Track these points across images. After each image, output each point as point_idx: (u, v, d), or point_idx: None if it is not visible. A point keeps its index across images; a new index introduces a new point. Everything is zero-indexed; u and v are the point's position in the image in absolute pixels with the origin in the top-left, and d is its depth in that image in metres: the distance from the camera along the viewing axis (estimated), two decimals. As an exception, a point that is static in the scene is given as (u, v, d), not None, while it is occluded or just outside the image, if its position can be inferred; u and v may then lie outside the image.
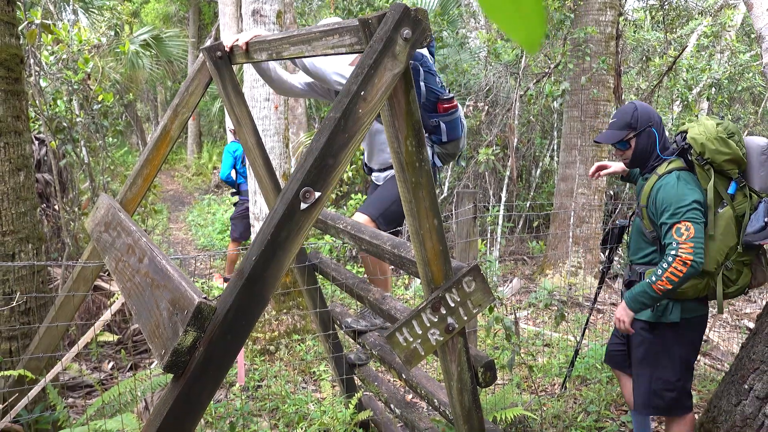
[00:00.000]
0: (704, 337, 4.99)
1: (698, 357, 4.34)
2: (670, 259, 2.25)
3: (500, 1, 0.44)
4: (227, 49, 2.27)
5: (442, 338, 1.72)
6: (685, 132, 2.45)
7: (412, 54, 1.38)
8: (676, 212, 2.28)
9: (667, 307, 2.42)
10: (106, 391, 2.84)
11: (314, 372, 4.00)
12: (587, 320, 3.58)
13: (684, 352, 2.45)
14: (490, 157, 6.28)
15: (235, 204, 6.32)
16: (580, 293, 5.90)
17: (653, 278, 2.29)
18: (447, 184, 7.37)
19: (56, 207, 4.59)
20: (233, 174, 6.04)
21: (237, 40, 2.22)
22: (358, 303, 2.59)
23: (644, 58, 9.04)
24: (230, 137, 6.52)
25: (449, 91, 2.62)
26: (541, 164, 8.54)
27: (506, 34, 0.46)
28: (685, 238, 2.24)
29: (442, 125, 2.61)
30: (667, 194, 2.34)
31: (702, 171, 2.39)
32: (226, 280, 6.37)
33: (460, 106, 2.68)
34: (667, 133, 8.59)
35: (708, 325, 2.65)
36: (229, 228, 6.89)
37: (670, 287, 2.26)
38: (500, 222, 6.85)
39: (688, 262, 2.21)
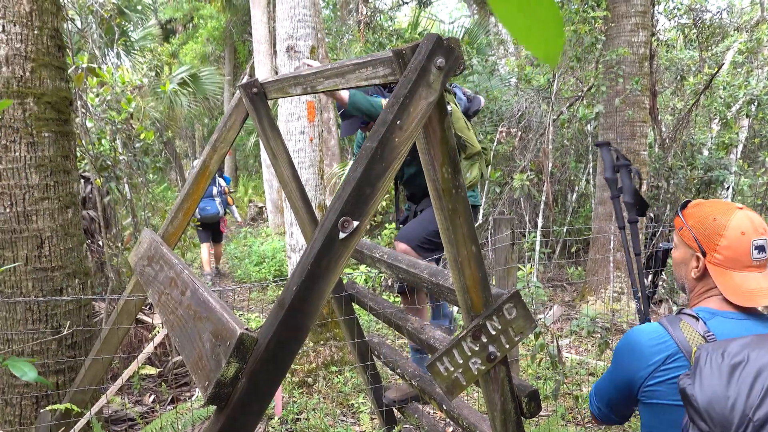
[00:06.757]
0: None
1: None
2: None
3: (519, 17, 0.47)
4: None
5: (483, 367, 1.69)
6: None
7: (445, 82, 1.39)
8: None
9: None
10: (147, 424, 2.87)
11: (352, 404, 3.96)
12: (633, 347, 3.46)
13: None
14: (524, 183, 6.22)
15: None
16: (624, 320, 5.72)
17: None
18: (482, 210, 7.31)
19: (100, 242, 4.73)
20: None
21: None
22: (396, 333, 2.57)
23: (678, 78, 8.90)
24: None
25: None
26: (576, 188, 8.42)
27: (526, 48, 0.49)
28: None
29: None
30: None
31: None
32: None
33: None
34: (706, 153, 8.17)
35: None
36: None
37: None
38: (537, 248, 6.74)
39: None
